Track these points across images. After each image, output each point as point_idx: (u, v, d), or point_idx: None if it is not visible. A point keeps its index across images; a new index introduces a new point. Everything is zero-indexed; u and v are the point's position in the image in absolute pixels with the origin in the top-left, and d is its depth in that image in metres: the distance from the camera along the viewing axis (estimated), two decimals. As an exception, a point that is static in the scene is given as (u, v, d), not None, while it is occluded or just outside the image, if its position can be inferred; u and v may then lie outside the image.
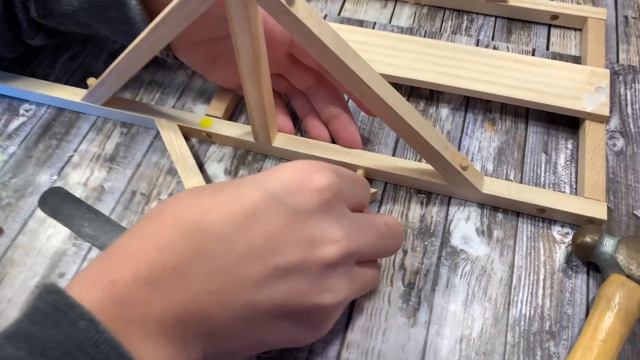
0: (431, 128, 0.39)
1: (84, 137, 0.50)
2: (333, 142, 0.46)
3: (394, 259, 0.41)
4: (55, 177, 0.47)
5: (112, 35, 0.46)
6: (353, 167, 0.44)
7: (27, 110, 0.52)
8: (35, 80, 0.52)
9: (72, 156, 0.48)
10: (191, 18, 0.36)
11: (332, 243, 0.29)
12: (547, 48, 0.55)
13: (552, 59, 0.53)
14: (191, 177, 0.44)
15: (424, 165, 0.43)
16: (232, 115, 0.50)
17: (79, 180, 0.47)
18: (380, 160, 0.44)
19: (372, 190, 0.44)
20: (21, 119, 0.51)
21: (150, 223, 0.28)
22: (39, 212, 0.45)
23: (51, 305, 0.24)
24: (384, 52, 0.49)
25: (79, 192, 0.46)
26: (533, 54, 0.53)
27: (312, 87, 0.46)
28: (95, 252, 0.42)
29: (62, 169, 0.47)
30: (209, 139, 0.48)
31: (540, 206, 0.41)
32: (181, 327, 0.26)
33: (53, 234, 0.43)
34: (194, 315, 0.27)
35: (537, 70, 0.47)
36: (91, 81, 0.48)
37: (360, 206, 0.34)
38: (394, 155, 0.47)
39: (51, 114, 0.51)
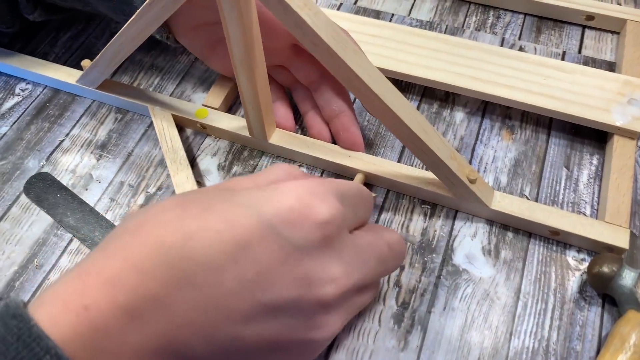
0: (436, 134, 0.36)
1: (77, 121, 0.47)
2: (334, 141, 0.43)
3: (389, 276, 0.38)
4: (44, 162, 0.45)
5: (112, 14, 0.44)
6: (352, 171, 0.41)
7: (22, 90, 0.50)
8: (31, 59, 0.50)
9: (63, 141, 0.46)
10: (179, 1, 0.34)
11: (331, 282, 0.26)
12: (580, 51, 0.50)
13: (583, 63, 0.48)
14: (180, 171, 0.41)
15: (430, 175, 0.40)
16: (231, 107, 0.48)
17: (68, 167, 0.45)
18: (382, 165, 0.41)
19: (372, 194, 0.40)
20: (16, 99, 0.49)
21: (130, 240, 0.25)
22: (24, 198, 0.43)
23: (13, 333, 0.21)
24: (397, 47, 0.46)
25: (66, 179, 0.44)
26: (563, 57, 0.49)
27: (315, 81, 0.43)
28: (75, 243, 0.40)
29: (51, 153, 0.45)
30: (203, 130, 0.46)
31: (554, 228, 0.37)
32: (160, 357, 0.24)
33: (35, 222, 0.42)
34: (175, 347, 0.24)
35: (563, 76, 0.43)
36: (85, 63, 0.45)
37: (362, 224, 0.31)
38: (400, 161, 0.44)
39: (47, 95, 0.49)
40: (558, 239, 0.39)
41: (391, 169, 0.40)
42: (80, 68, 0.48)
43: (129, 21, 0.38)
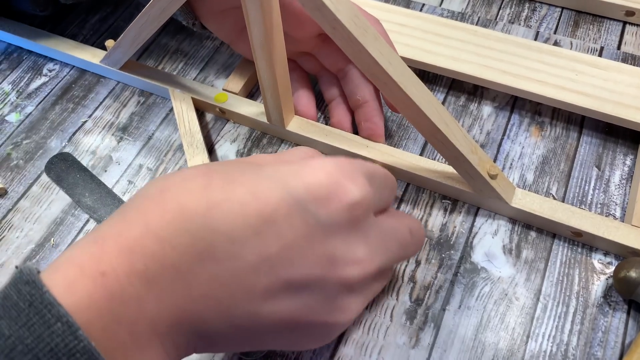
0: (458, 127, 0.35)
1: (101, 102, 0.48)
2: (357, 131, 0.43)
3: (404, 270, 0.38)
4: (66, 142, 0.46)
5: None
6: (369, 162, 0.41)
7: (50, 70, 0.51)
8: (59, 38, 0.51)
9: (85, 122, 0.47)
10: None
11: (355, 263, 0.26)
12: (619, 47, 0.48)
13: (622, 60, 0.46)
14: (196, 155, 0.41)
15: (450, 169, 0.39)
16: (252, 93, 0.48)
17: (89, 148, 0.45)
18: (401, 157, 0.40)
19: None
20: (43, 79, 0.50)
21: (152, 207, 0.24)
22: (44, 177, 0.44)
23: (25, 299, 0.21)
24: (424, 37, 0.45)
25: (86, 160, 0.44)
26: (601, 53, 0.47)
27: (342, 69, 0.42)
28: (92, 224, 0.41)
29: (74, 134, 0.46)
30: (222, 115, 0.45)
31: (577, 229, 0.36)
32: (175, 329, 0.24)
33: (54, 201, 0.42)
34: (191, 320, 0.24)
35: (597, 72, 0.41)
36: (109, 43, 0.46)
37: (385, 208, 0.31)
38: (422, 154, 0.43)
39: (72, 76, 0.50)
40: (581, 241, 0.38)
41: (410, 161, 0.40)
42: (105, 50, 0.49)
43: (151, 1, 0.38)
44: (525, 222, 0.39)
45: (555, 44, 0.48)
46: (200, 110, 0.46)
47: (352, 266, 0.26)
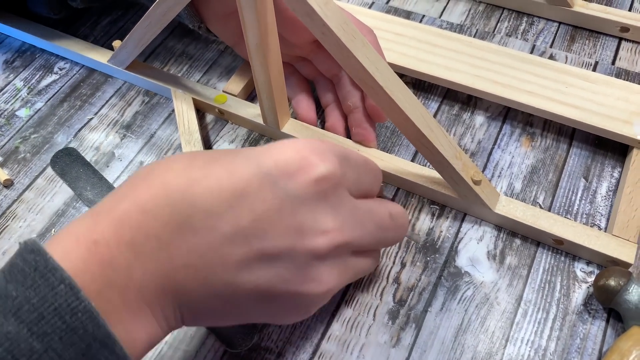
0: (442, 132, 0.36)
1: (107, 101, 0.51)
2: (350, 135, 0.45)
3: (389, 271, 0.39)
4: (71, 137, 0.48)
5: (148, 2, 0.46)
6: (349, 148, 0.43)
7: (61, 69, 0.53)
8: (70, 39, 0.53)
9: (91, 119, 0.49)
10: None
11: (323, 233, 0.28)
12: (613, 62, 0.50)
13: (616, 75, 0.48)
14: (194, 154, 0.43)
15: (438, 175, 0.41)
16: (251, 94, 0.50)
17: (93, 144, 0.48)
18: (391, 162, 0.42)
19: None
20: (53, 77, 0.53)
21: (139, 183, 0.27)
22: (49, 171, 0.46)
23: (31, 265, 0.23)
24: (419, 47, 0.47)
25: (89, 156, 0.47)
26: (595, 68, 0.49)
27: (337, 74, 0.44)
28: (92, 217, 0.43)
29: (79, 130, 0.49)
30: (221, 116, 0.48)
31: (558, 237, 0.38)
32: (161, 297, 0.26)
33: (57, 194, 0.45)
34: (174, 288, 0.26)
35: (586, 85, 0.43)
36: (116, 43, 0.49)
37: (369, 193, 0.33)
38: (413, 160, 0.45)
39: (82, 75, 0.53)
40: (563, 249, 0.39)
41: (399, 166, 0.41)
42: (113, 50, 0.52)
43: (155, 2, 0.40)
44: (509, 229, 0.40)
45: (551, 57, 0.50)
46: (202, 111, 0.49)
47: (319, 236, 0.27)
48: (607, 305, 0.36)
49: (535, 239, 0.40)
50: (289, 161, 0.27)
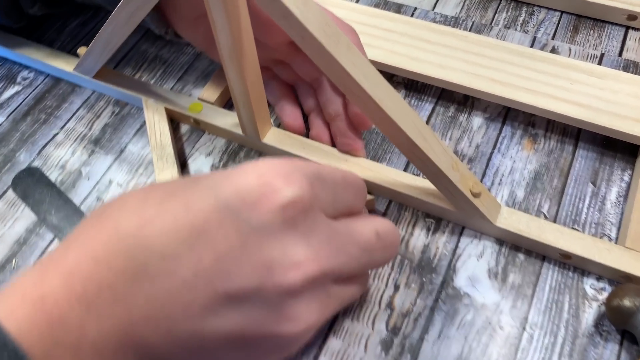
0: (437, 142, 0.33)
1: (74, 113, 0.47)
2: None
3: (382, 295, 0.36)
4: (35, 155, 0.45)
5: (108, 6, 0.43)
6: (324, 164, 0.39)
7: (24, 79, 0.50)
8: (33, 46, 0.50)
9: (57, 134, 0.46)
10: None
11: (294, 266, 0.24)
12: (620, 54, 0.46)
13: (623, 67, 0.44)
14: (165, 169, 0.40)
15: (433, 186, 0.37)
16: (229, 102, 0.46)
17: (58, 162, 0.44)
18: (381, 172, 0.38)
19: (369, 197, 0.38)
20: (16, 88, 0.49)
21: (91, 229, 0.25)
22: (10, 193, 0.43)
23: None
24: (411, 44, 0.43)
25: (54, 175, 0.44)
26: (601, 60, 0.45)
27: (317, 78, 0.41)
28: (56, 244, 0.40)
29: (44, 147, 0.45)
30: (197, 126, 0.44)
31: (565, 251, 0.34)
32: (120, 354, 0.23)
33: (19, 219, 0.41)
34: (134, 343, 0.23)
35: (593, 81, 0.40)
36: (81, 50, 0.45)
37: (352, 211, 0.29)
38: (406, 169, 0.41)
39: (47, 85, 0.49)
40: (571, 263, 0.36)
41: (390, 177, 0.38)
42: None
43: (118, 6, 0.37)
44: (512, 243, 0.37)
45: (553, 50, 0.46)
46: (176, 121, 0.45)
47: (291, 270, 0.24)
48: (621, 327, 0.33)
49: (540, 253, 0.36)
50: (251, 188, 0.24)
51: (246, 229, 0.24)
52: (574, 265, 0.36)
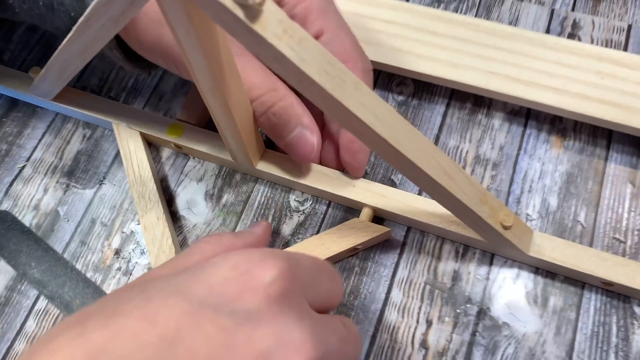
0: (462, 175, 0.29)
1: (39, 140, 0.42)
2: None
3: (414, 334, 0.33)
4: (2, 195, 0.40)
5: (59, 35, 0.36)
6: (357, 205, 0.35)
7: (-25, 102, 0.44)
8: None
9: (23, 167, 0.41)
10: (123, 22, 0.27)
11: (295, 352, 0.21)
12: (649, 23, 0.42)
13: (654, 39, 0.40)
14: (149, 210, 0.36)
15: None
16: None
17: (30, 202, 0.39)
18: (395, 198, 0.35)
19: (384, 229, 0.34)
20: (-33, 114, 0.44)
21: None
22: (-18, 243, 0.38)
23: None
24: (415, 37, 0.38)
25: (28, 218, 0.39)
26: (628, 33, 0.41)
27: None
28: (43, 302, 0.36)
29: (10, 184, 0.40)
30: (180, 151, 0.39)
31: (607, 280, 0.31)
32: None
33: (-4, 274, 0.37)
34: None
35: (626, 73, 0.35)
36: (34, 72, 0.39)
37: (329, 303, 0.27)
38: (421, 192, 0.37)
39: (3, 108, 0.43)
40: (614, 290, 0.33)
41: (406, 203, 0.34)
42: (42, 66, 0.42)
43: (68, 38, 0.31)
44: (547, 270, 0.34)
45: (575, 24, 0.41)
46: (155, 144, 0.40)
47: (293, 354, 0.21)
48: (676, 349, 0.31)
49: (579, 280, 0.34)
50: (226, 279, 0.22)
51: (230, 324, 0.21)
52: (617, 292, 0.33)
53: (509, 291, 0.34)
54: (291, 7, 0.33)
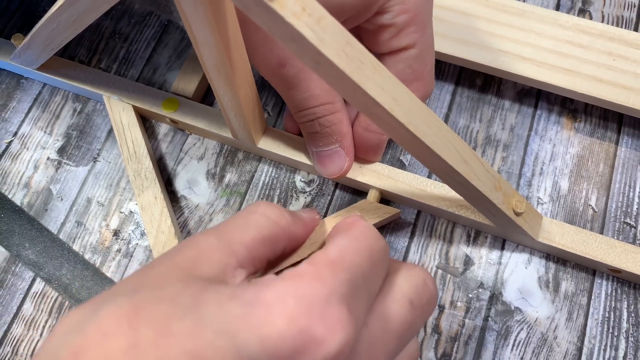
0: (477, 161, 0.29)
1: (26, 114, 0.41)
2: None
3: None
4: (-11, 172, 0.39)
5: None
6: (364, 186, 0.36)
7: (-47, 69, 0.43)
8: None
9: (10, 142, 0.40)
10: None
11: None
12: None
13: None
14: (146, 189, 0.35)
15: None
16: (210, 91, 0.41)
17: (20, 179, 0.39)
18: (403, 181, 0.35)
19: (394, 210, 0.35)
20: (-54, 83, 0.42)
21: None
22: (-31, 224, 0.38)
23: None
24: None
25: (19, 197, 0.38)
26: (639, 9, 0.42)
27: None
28: (40, 284, 0.36)
29: (-3, 160, 0.40)
30: (176, 126, 0.39)
31: (614, 267, 0.33)
32: None
33: (-14, 256, 0.37)
34: None
35: (639, 55, 0.36)
36: (17, 39, 0.38)
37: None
38: (431, 175, 0.38)
39: (-16, 77, 0.42)
40: (621, 277, 0.34)
41: (415, 186, 0.35)
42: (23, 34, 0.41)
43: (58, 5, 0.30)
44: (556, 256, 0.35)
45: (585, 0, 0.42)
46: (150, 119, 0.40)
47: None
48: (684, 333, 0.33)
49: (588, 267, 0.35)
50: (281, 339, 0.19)
51: None
52: (624, 279, 0.35)
53: (521, 276, 0.35)
54: (394, 15, 0.32)
